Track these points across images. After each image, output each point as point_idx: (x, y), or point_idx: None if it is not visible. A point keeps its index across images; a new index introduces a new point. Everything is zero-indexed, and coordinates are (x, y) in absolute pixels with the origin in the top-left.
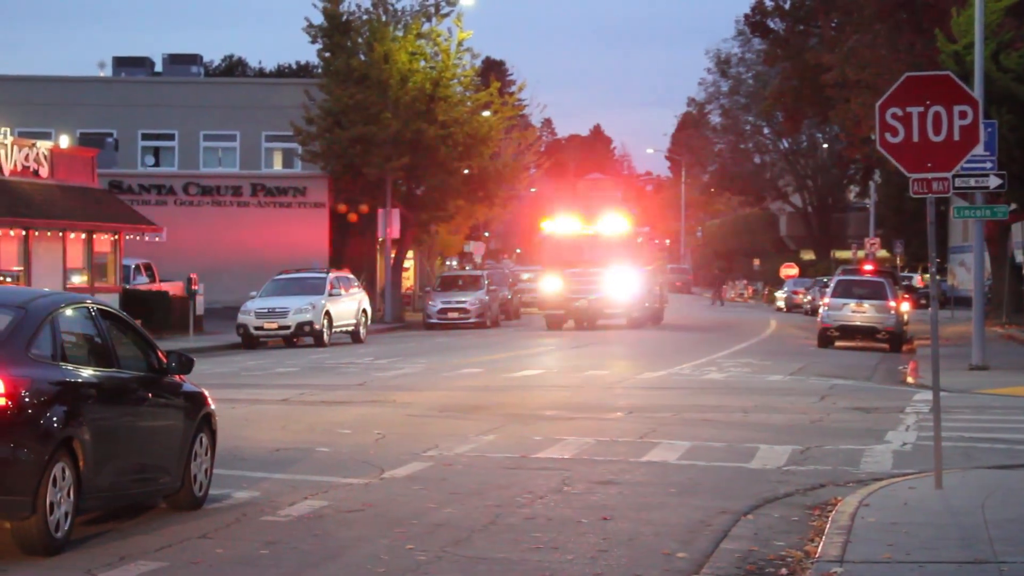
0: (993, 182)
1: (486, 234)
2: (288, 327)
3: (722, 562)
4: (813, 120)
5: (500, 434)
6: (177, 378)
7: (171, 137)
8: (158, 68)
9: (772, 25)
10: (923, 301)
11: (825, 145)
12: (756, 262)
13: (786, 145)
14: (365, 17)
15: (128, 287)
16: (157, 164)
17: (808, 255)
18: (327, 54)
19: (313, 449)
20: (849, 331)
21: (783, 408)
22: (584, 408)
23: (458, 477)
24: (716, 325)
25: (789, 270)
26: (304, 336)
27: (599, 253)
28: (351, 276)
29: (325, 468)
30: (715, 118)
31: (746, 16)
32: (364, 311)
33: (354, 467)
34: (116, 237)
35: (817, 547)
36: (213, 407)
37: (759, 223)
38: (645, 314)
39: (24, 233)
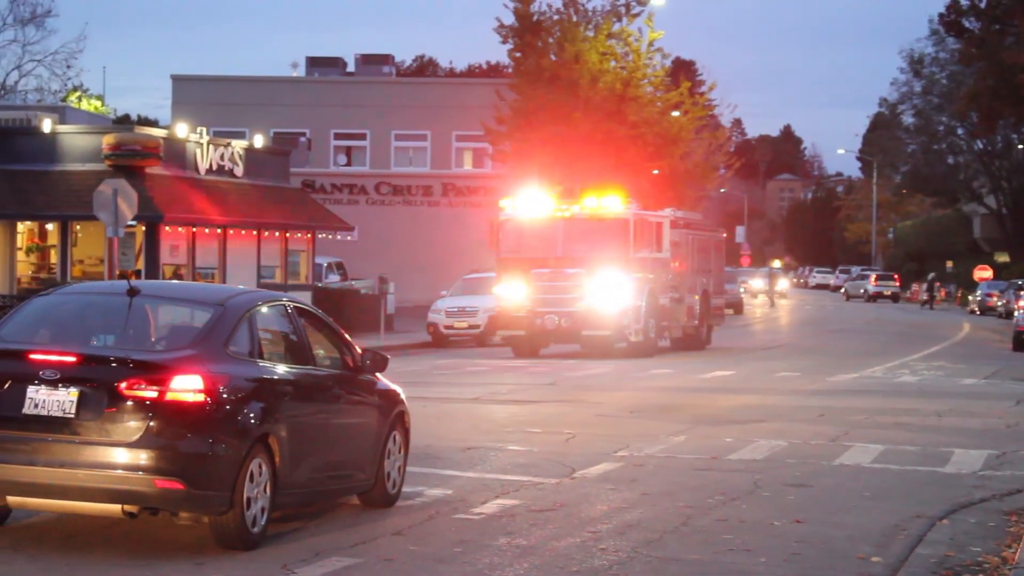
0: None
1: None
2: (478, 326)
3: (917, 567)
4: (1009, 120)
5: (690, 435)
6: (371, 376)
7: (363, 137)
8: (350, 68)
9: (967, 24)
10: None
11: (1021, 146)
12: (949, 264)
13: (980, 146)
14: (556, 17)
15: (320, 285)
16: (349, 164)
17: (1002, 257)
18: (518, 54)
19: (504, 448)
20: None
21: (978, 412)
22: (775, 410)
23: (649, 478)
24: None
25: (983, 272)
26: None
27: (583, 246)
28: None
29: (516, 467)
30: (908, 118)
31: (940, 15)
32: None
33: (545, 466)
34: (309, 236)
35: (1015, 553)
36: (406, 405)
37: (952, 225)
38: (658, 337)
39: (220, 231)
